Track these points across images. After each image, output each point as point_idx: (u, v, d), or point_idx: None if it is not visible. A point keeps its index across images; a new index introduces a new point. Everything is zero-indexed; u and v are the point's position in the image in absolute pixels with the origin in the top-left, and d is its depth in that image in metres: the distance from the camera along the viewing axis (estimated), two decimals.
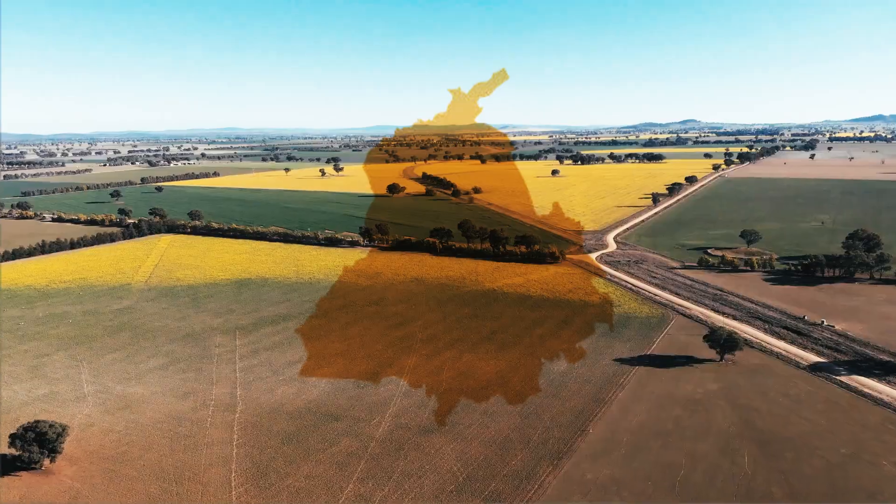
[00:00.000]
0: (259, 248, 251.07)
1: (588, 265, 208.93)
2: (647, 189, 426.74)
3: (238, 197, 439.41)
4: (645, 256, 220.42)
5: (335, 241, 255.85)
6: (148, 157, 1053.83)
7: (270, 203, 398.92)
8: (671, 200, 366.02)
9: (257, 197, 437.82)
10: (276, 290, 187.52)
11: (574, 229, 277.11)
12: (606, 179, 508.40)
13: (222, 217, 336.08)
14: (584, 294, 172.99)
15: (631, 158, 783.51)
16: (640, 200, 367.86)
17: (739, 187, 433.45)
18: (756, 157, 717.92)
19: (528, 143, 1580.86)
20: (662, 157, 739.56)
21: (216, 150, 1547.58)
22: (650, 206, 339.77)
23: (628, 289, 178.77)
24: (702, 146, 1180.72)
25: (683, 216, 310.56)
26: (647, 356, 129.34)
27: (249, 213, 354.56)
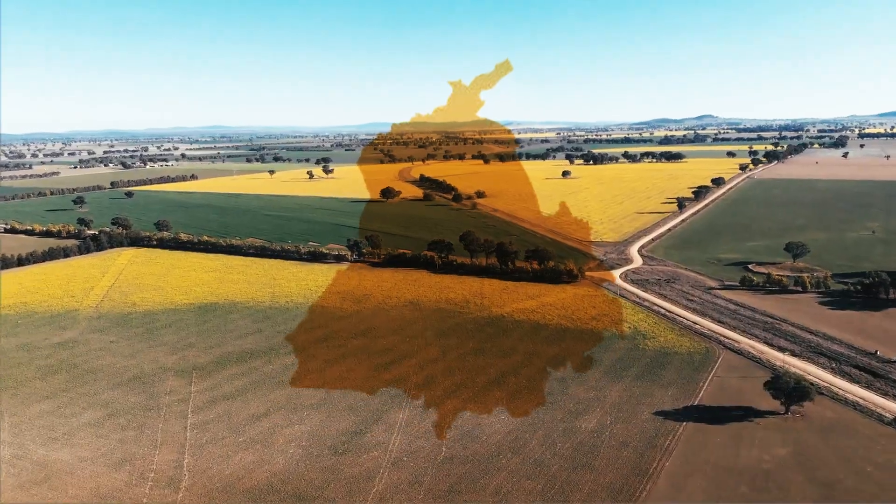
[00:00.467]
0: (231, 265, 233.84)
1: (611, 285, 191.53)
2: (669, 192, 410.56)
3: (215, 203, 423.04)
4: (677, 274, 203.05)
5: (319, 255, 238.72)
6: (123, 159, 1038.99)
7: (250, 210, 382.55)
8: (698, 205, 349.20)
9: (236, 203, 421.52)
10: (245, 317, 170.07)
11: (591, 240, 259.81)
12: (623, 181, 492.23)
13: (195, 227, 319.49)
14: (611, 322, 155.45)
15: (647, 158, 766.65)
16: (664, 206, 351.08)
17: (772, 190, 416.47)
18: (784, 156, 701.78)
19: (535, 141, 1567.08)
20: (682, 156, 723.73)
21: (198, 150, 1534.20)
22: (675, 213, 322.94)
23: (662, 315, 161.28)
24: (722, 144, 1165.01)
25: (715, 224, 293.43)
26: (695, 407, 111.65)
27: (225, 222, 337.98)
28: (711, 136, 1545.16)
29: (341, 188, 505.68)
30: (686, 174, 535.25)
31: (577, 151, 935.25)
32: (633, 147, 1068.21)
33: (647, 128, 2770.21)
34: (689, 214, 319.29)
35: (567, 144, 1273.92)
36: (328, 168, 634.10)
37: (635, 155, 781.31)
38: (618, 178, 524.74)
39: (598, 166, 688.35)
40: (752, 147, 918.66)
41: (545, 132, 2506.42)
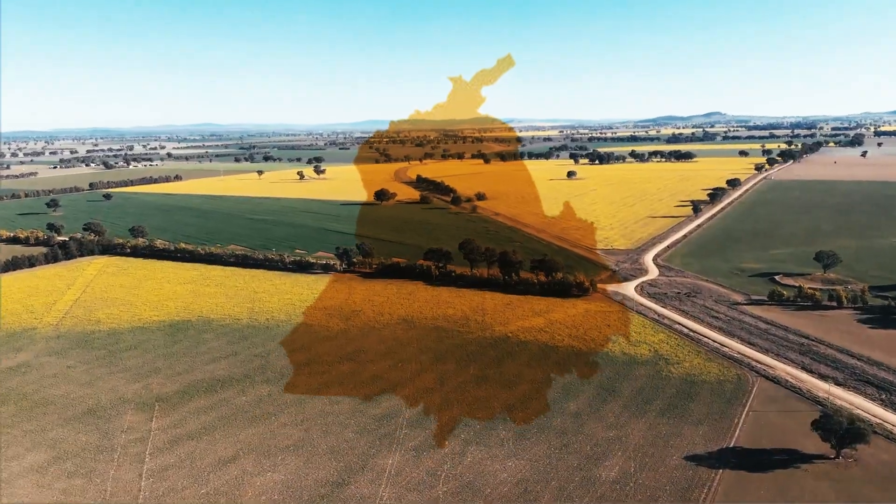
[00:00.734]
0: (209, 276, 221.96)
1: (626, 298, 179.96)
2: (682, 194, 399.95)
3: (198, 206, 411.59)
4: (698, 286, 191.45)
5: (305, 265, 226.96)
6: (106, 158, 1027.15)
7: (234, 214, 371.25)
8: (714, 209, 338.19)
9: (220, 206, 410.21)
10: (220, 337, 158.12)
11: (602, 248, 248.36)
12: (632, 182, 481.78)
13: (173, 232, 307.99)
14: (628, 345, 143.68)
15: (656, 157, 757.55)
16: (677, 209, 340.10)
17: (791, 192, 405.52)
18: (800, 155, 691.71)
19: (537, 139, 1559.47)
20: (692, 155, 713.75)
21: (186, 149, 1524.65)
22: (691, 217, 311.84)
23: (685, 336, 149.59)
24: (733, 142, 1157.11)
25: (733, 230, 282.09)
26: (731, 450, 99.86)
27: (207, 226, 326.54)
28: (721, 134, 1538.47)
29: (333, 189, 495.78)
30: (698, 175, 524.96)
31: (581, 150, 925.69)
32: (639, 146, 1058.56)
33: (653, 125, 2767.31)
34: (706, 219, 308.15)
35: (571, 143, 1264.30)
36: (320, 168, 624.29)
37: (643, 154, 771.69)
38: (626, 178, 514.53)
39: (605, 166, 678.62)
40: (764, 146, 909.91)
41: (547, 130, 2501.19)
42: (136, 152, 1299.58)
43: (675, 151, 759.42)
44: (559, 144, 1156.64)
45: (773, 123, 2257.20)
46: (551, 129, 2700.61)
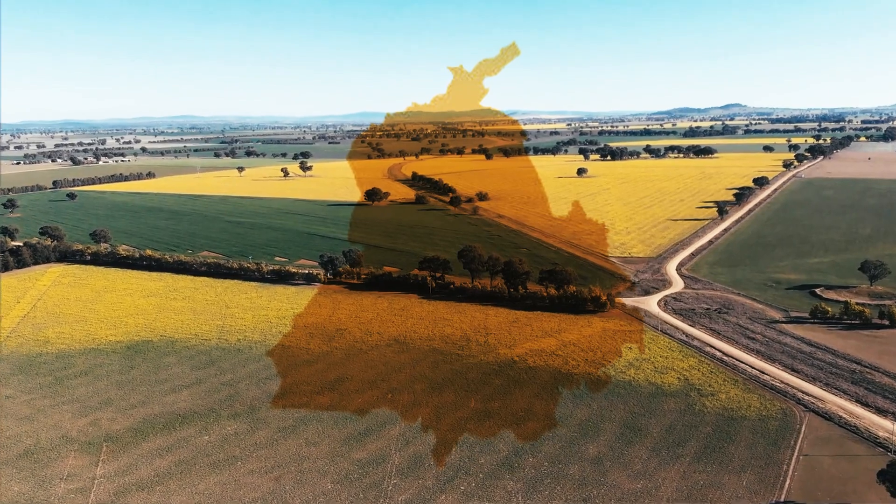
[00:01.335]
0: (177, 287, 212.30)
1: (648, 315, 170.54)
2: (704, 194, 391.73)
3: (170, 207, 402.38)
4: (729, 301, 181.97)
5: (285, 275, 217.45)
6: (74, 153, 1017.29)
7: (210, 216, 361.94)
8: (741, 210, 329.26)
9: (195, 207, 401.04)
10: (183, 361, 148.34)
11: (618, 255, 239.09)
12: (649, 181, 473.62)
13: (141, 236, 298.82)
14: (654, 371, 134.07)
15: (673, 152, 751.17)
16: (700, 211, 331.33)
17: (824, 191, 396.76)
18: (830, 151, 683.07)
19: (542, 132, 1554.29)
20: (713, 150, 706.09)
21: (163, 143, 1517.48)
22: (715, 220, 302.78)
23: (719, 361, 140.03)
24: (755, 136, 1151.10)
25: (765, 234, 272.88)
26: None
27: (178, 230, 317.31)
28: (742, 127, 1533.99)
29: (320, 188, 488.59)
30: (720, 172, 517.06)
31: (591, 145, 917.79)
32: (654, 140, 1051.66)
33: (667, 118, 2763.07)
34: (733, 222, 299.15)
35: (579, 137, 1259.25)
36: (306, 165, 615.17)
37: (659, 149, 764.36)
38: (642, 176, 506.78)
39: (618, 162, 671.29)
40: (790, 140, 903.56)
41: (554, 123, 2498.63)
42: (108, 147, 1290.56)
43: (694, 146, 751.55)
44: (567, 138, 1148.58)
45: (798, 116, 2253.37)
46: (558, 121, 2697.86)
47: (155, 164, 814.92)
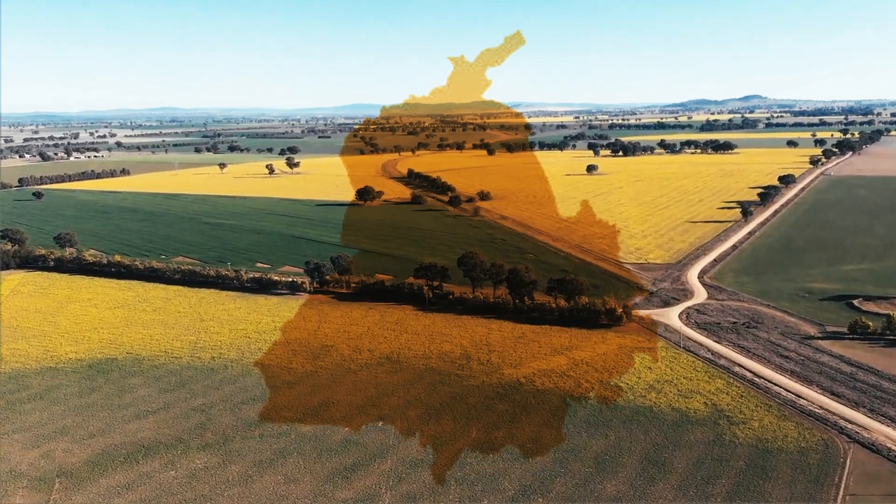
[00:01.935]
0: (148, 297, 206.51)
1: (669, 330, 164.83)
2: (725, 193, 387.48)
3: (144, 207, 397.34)
4: (758, 313, 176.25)
5: (267, 283, 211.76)
6: (45, 148, 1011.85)
7: (187, 217, 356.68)
8: (767, 212, 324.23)
9: (171, 207, 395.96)
10: (150, 382, 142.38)
11: (634, 262, 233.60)
12: (665, 179, 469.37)
13: (111, 240, 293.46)
14: (677, 395, 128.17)
15: (689, 147, 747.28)
16: (722, 212, 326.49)
17: (856, 190, 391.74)
18: (859, 146, 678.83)
19: (549, 126, 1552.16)
20: (733, 145, 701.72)
21: (140, 137, 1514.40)
22: (739, 222, 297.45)
23: (749, 383, 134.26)
24: (777, 130, 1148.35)
25: (794, 239, 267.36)
26: None
27: (152, 233, 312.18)
28: (763, 120, 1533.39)
29: (308, 186, 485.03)
30: (742, 169, 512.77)
31: (601, 139, 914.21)
32: (669, 134, 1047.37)
33: (682, 111, 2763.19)
34: (758, 224, 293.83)
35: (588, 130, 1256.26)
36: (293, 161, 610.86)
37: (674, 144, 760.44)
38: (657, 174, 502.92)
39: (631, 158, 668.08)
40: (815, 134, 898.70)
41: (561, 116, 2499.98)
42: (81, 141, 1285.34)
43: (713, 141, 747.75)
44: (575, 133, 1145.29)
45: (822, 108, 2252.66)
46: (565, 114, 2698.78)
47: (130, 159, 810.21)
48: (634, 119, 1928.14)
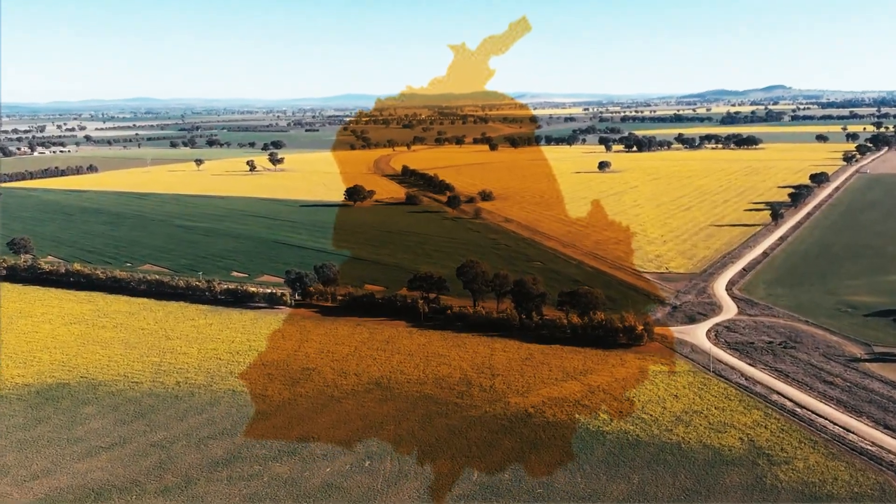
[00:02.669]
0: (109, 312, 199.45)
1: (696, 351, 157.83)
2: (752, 193, 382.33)
3: (111, 208, 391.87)
4: (795, 331, 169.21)
5: (243, 296, 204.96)
6: (5, 143, 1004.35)
7: (157, 219, 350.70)
8: (799, 214, 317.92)
9: (141, 208, 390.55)
10: (106, 412, 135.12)
11: (653, 271, 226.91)
12: (684, 177, 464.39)
13: (73, 246, 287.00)
14: (709, 429, 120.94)
15: (710, 142, 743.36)
16: (749, 214, 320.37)
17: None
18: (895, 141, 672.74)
19: (556, 119, 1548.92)
20: (757, 140, 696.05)
21: (112, 130, 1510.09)
22: (768, 225, 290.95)
23: (790, 414, 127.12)
24: (804, 123, 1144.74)
25: (831, 244, 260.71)
26: None
27: (119, 237, 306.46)
28: (788, 112, 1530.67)
29: (292, 185, 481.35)
30: (769, 166, 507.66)
31: (613, 133, 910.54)
32: (687, 128, 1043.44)
33: (700, 102, 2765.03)
34: (790, 228, 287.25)
35: (599, 123, 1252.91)
36: (276, 156, 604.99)
37: (693, 139, 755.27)
38: (676, 171, 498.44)
39: (646, 154, 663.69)
40: (846, 128, 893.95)
41: (569, 107, 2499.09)
42: (48, 135, 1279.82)
43: (735, 135, 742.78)
44: (585, 126, 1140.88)
45: (852, 100, 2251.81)
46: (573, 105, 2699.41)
47: (99, 155, 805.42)
48: (649, 111, 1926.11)
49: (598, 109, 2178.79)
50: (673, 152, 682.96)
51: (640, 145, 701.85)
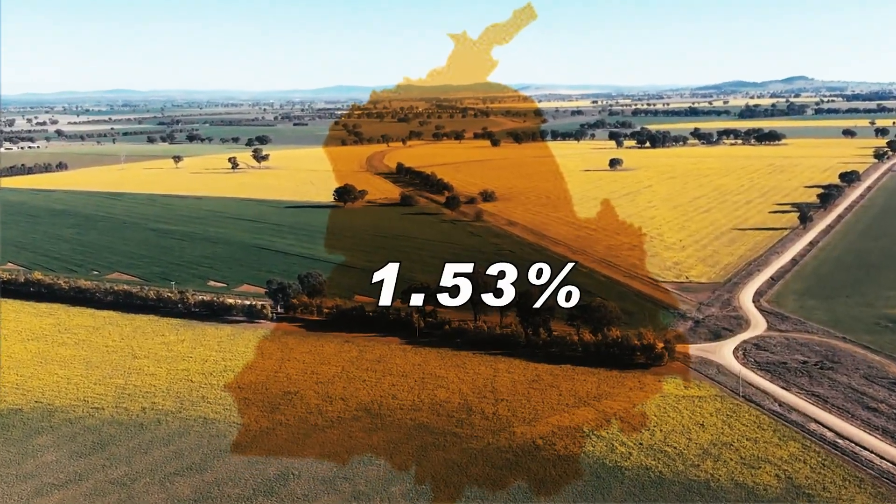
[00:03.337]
0: (71, 326, 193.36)
1: (722, 372, 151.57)
2: (776, 193, 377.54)
3: (80, 209, 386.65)
4: (832, 349, 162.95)
5: (220, 308, 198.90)
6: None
7: (130, 222, 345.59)
8: (829, 217, 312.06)
9: (113, 209, 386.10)
10: (63, 443, 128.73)
11: (672, 280, 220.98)
12: (702, 175, 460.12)
13: (36, 251, 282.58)
14: (740, 465, 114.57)
15: (728, 137, 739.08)
16: (774, 216, 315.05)
17: None
18: None
19: (562, 112, 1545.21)
20: (780, 135, 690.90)
21: (85, 124, 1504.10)
22: (796, 229, 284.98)
23: (831, 446, 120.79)
24: (829, 117, 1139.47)
25: (866, 251, 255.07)
26: None
27: (87, 242, 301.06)
28: (811, 105, 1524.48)
29: (277, 184, 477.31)
30: (794, 164, 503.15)
31: (624, 128, 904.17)
32: (703, 122, 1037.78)
33: (717, 94, 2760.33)
34: (820, 233, 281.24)
35: (609, 117, 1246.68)
36: (261, 153, 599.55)
37: (710, 134, 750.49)
38: (693, 169, 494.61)
39: (660, 150, 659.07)
40: (874, 122, 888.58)
41: (576, 100, 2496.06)
42: (16, 129, 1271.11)
43: (756, 130, 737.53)
44: (593, 119, 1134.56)
45: (880, 92, 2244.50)
46: (581, 98, 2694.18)
47: (71, 151, 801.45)
48: (661, 104, 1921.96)
49: (608, 102, 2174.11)
50: (689, 148, 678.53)
51: (654, 141, 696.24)
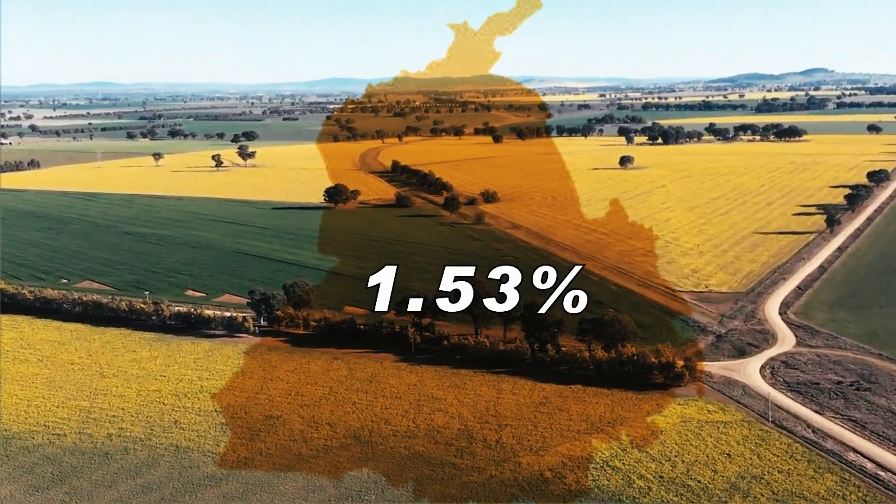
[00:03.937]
0: (34, 341, 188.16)
1: (748, 393, 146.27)
2: (800, 194, 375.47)
3: (52, 211, 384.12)
4: (868, 367, 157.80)
5: (197, 321, 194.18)
6: None
7: (104, 225, 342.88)
8: (858, 219, 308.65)
9: (86, 211, 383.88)
10: (19, 475, 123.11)
11: (691, 290, 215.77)
12: (719, 174, 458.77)
13: (3, 257, 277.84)
14: (772, 499, 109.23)
15: (745, 133, 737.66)
16: (798, 219, 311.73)
17: None
18: None
19: (568, 106, 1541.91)
20: (800, 131, 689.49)
21: (62, 119, 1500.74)
22: (823, 233, 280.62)
23: (871, 479, 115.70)
24: (852, 112, 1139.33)
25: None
26: None
27: (57, 247, 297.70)
28: (832, 99, 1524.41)
29: (264, 184, 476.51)
30: (817, 162, 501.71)
31: (635, 123, 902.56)
32: (718, 116, 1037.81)
33: (732, 87, 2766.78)
34: (848, 237, 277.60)
35: (618, 112, 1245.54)
36: (247, 150, 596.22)
37: (726, 129, 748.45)
38: (710, 168, 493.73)
39: (673, 147, 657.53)
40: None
41: (583, 93, 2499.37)
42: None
43: (775, 125, 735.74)
44: (601, 114, 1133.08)
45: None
46: (587, 91, 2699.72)
47: (45, 147, 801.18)
48: (673, 97, 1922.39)
49: (616, 95, 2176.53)
50: (704, 145, 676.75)
51: (667, 137, 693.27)
